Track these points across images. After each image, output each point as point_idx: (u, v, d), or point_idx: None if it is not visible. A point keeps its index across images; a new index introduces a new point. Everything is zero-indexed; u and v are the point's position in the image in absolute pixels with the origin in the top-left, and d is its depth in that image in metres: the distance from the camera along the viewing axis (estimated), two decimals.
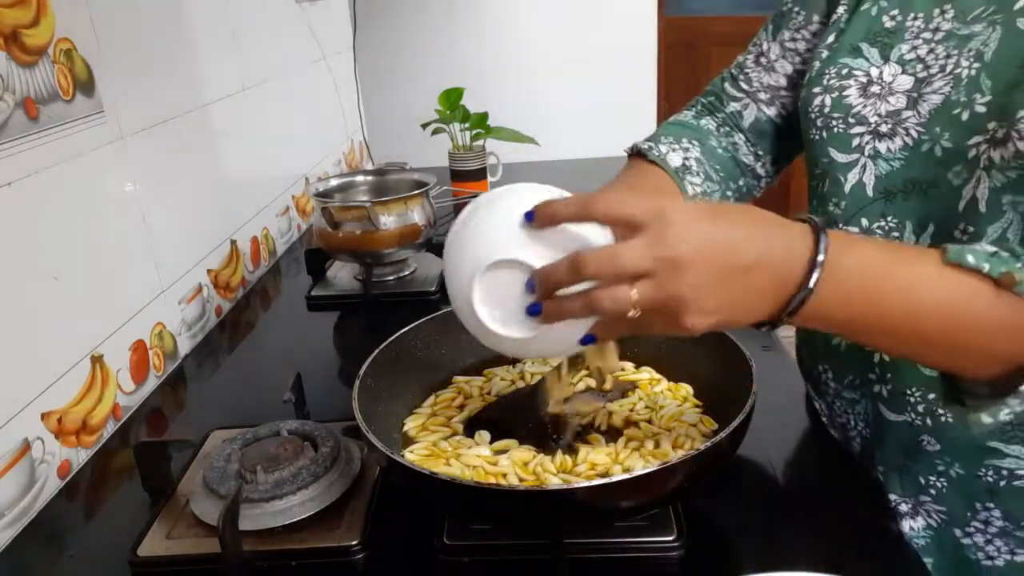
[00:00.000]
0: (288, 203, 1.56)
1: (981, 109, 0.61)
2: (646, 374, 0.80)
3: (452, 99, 1.67)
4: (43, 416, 0.80)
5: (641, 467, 0.65)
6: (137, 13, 1.03)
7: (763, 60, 0.85)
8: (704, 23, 3.65)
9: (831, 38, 0.74)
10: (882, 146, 0.68)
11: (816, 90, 0.73)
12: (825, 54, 0.74)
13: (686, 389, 0.77)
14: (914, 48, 0.67)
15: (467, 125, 1.68)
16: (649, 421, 0.73)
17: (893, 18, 0.69)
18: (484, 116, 1.69)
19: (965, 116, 0.62)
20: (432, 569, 0.65)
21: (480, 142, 1.70)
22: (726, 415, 0.70)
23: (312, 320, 1.23)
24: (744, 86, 0.86)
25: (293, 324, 1.23)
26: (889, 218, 0.68)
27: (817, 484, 0.75)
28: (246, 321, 1.24)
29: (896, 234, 0.68)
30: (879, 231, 0.69)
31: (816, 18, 0.81)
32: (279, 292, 1.37)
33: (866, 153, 0.69)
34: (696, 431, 0.71)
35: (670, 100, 3.57)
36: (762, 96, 0.85)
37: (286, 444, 0.75)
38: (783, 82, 0.84)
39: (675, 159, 0.81)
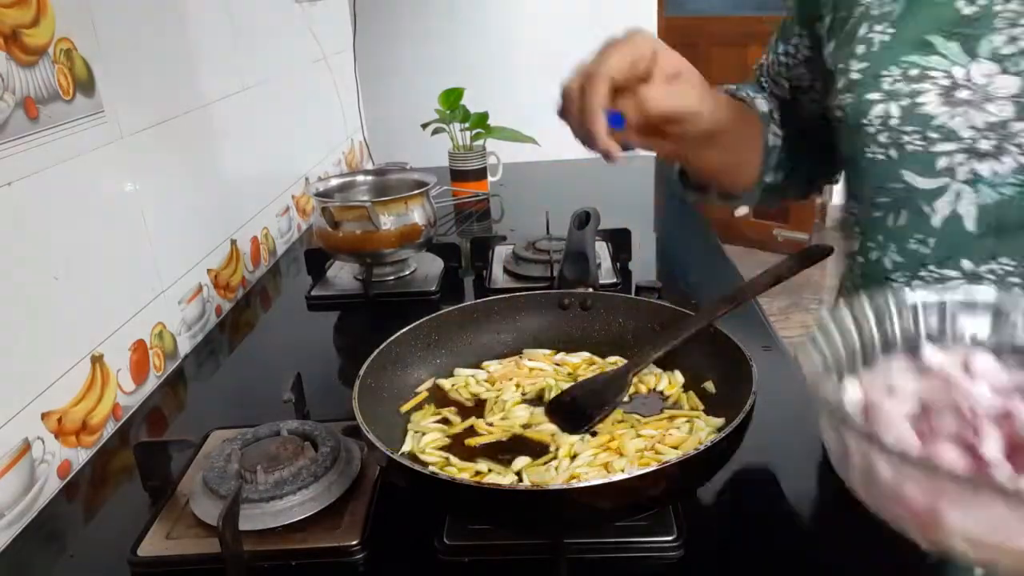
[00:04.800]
0: (288, 203, 1.56)
1: None
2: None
3: (452, 99, 1.67)
4: (43, 416, 0.80)
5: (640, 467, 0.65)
6: (137, 13, 1.03)
7: (769, 72, 0.80)
8: (704, 23, 3.65)
9: (862, 29, 0.61)
10: (984, 168, 0.55)
11: (874, 96, 0.59)
12: (862, 49, 0.61)
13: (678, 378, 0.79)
14: (1013, 40, 0.54)
15: (467, 125, 1.68)
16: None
17: (973, 2, 0.56)
18: (484, 116, 1.69)
19: None
20: (432, 569, 0.65)
21: (480, 142, 1.70)
22: (726, 415, 0.70)
23: (312, 320, 1.23)
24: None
25: (293, 324, 1.23)
26: (1004, 260, 0.57)
27: (817, 484, 0.75)
28: (246, 321, 1.24)
29: (1016, 279, 0.57)
30: (991, 276, 0.58)
31: (797, 29, 0.75)
32: (279, 292, 1.37)
33: (959, 177, 0.57)
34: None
35: None
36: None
37: (286, 444, 0.75)
38: (786, 96, 0.79)
39: (763, 104, 0.76)
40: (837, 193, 0.79)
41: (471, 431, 0.74)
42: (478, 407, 0.78)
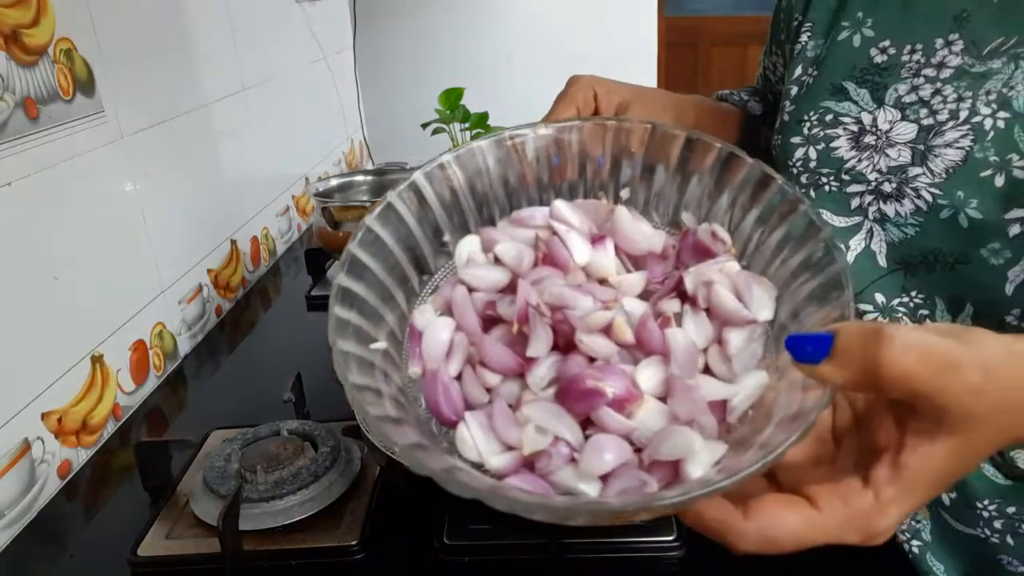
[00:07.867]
0: (288, 203, 1.56)
1: (1023, 175, 0.50)
2: None
3: (452, 99, 1.67)
4: (43, 416, 0.80)
5: None
6: (137, 13, 1.03)
7: (760, 81, 0.81)
8: (704, 23, 3.66)
9: (798, 70, 0.64)
10: (889, 208, 0.57)
11: (796, 140, 0.62)
12: (795, 91, 0.64)
13: None
14: (915, 89, 0.57)
15: (467, 125, 1.68)
16: None
17: (884, 51, 0.59)
18: (484, 116, 1.69)
19: (1000, 181, 0.51)
20: (432, 569, 0.65)
21: None
22: None
23: (312, 320, 1.23)
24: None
25: (293, 324, 1.23)
26: (913, 293, 0.58)
27: None
28: (246, 321, 1.24)
29: (925, 311, 0.58)
30: (902, 309, 0.59)
31: (774, 47, 0.75)
32: (279, 292, 1.37)
33: (870, 216, 0.59)
34: None
35: None
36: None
37: (286, 444, 0.75)
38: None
39: (756, 108, 0.77)
40: None
41: None
42: None
